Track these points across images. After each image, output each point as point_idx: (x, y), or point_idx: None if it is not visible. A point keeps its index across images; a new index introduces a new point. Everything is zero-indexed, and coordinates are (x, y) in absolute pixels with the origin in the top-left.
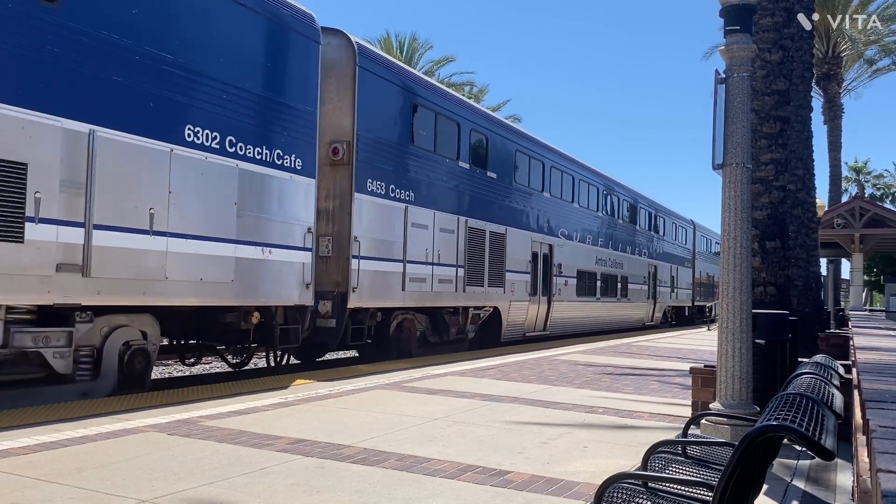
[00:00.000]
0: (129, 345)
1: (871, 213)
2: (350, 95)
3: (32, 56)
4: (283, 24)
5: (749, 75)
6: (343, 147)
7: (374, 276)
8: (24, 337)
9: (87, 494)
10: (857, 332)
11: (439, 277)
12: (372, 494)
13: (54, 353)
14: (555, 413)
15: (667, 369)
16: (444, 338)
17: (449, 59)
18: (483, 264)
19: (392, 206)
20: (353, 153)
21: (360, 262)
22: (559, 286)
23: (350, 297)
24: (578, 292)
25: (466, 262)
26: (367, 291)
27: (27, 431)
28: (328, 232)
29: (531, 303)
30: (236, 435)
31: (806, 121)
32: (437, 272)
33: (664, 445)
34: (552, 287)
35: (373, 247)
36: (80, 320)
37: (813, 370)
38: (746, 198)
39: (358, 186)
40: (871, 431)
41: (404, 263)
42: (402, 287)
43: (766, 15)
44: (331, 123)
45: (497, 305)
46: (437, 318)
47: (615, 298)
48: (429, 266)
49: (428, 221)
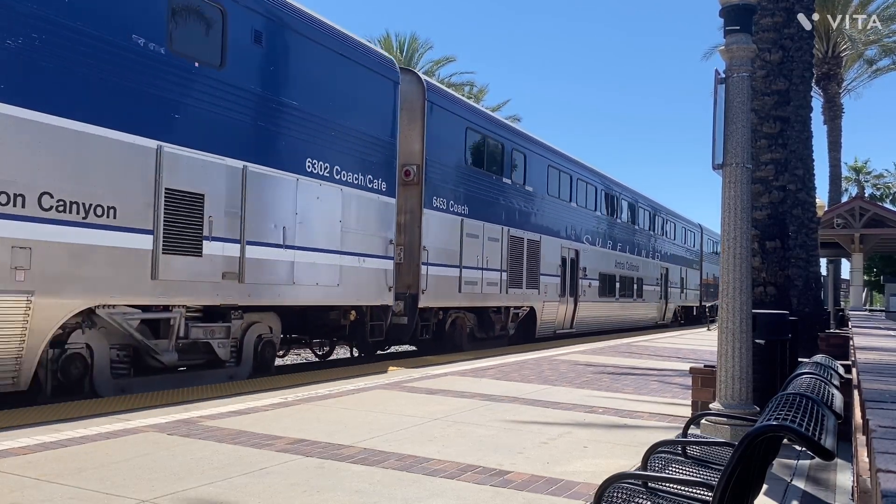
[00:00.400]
0: (261, 337)
1: (871, 213)
2: (420, 125)
3: (206, 107)
4: (372, 70)
5: (749, 75)
6: (414, 169)
7: (437, 280)
8: (198, 330)
9: (87, 494)
10: (857, 332)
11: (487, 281)
12: (372, 494)
13: (218, 343)
14: (555, 413)
15: (667, 369)
16: (490, 334)
17: (449, 59)
18: (522, 268)
19: (451, 219)
20: (422, 174)
21: (428, 268)
22: (584, 288)
23: (420, 298)
24: (600, 293)
25: (508, 266)
26: (433, 293)
27: (27, 431)
28: (400, 242)
29: (560, 303)
30: (236, 435)
31: (806, 121)
32: (486, 276)
33: (664, 445)
34: (578, 288)
35: (437, 254)
36: (234, 317)
37: (813, 370)
38: (746, 198)
39: (426, 203)
40: (871, 431)
41: (461, 269)
42: (459, 289)
43: (766, 15)
44: (403, 149)
45: (533, 305)
46: (483, 316)
47: (632, 299)
48: (479, 271)
49: (479, 232)
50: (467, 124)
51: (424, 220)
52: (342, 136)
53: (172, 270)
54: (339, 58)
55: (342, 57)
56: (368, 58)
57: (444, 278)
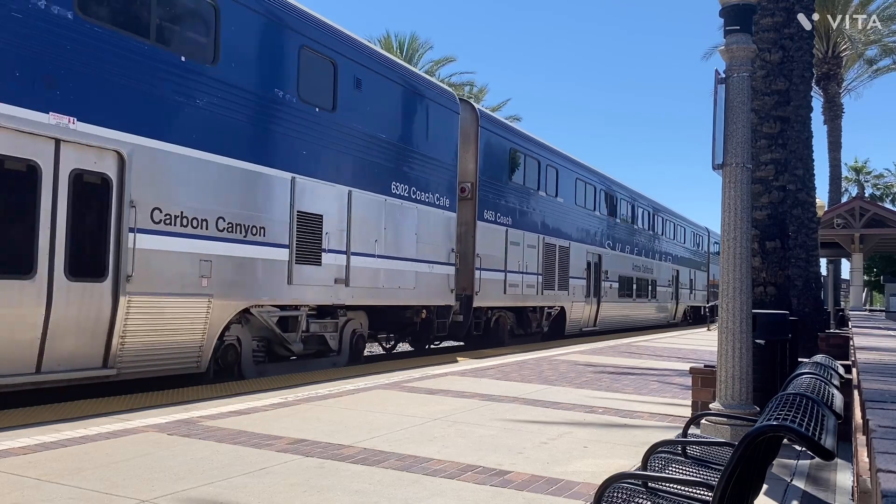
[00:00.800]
0: (355, 332)
1: (870, 213)
2: (474, 148)
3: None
4: (438, 104)
5: (749, 75)
6: (468, 186)
7: (487, 283)
8: (316, 325)
9: (86, 494)
10: (857, 332)
11: (526, 283)
12: (372, 494)
13: (329, 336)
14: (555, 413)
15: (667, 369)
16: (528, 330)
17: (449, 59)
18: (554, 272)
19: (498, 229)
20: (475, 191)
21: (481, 273)
22: (606, 289)
23: (475, 298)
24: (620, 294)
25: (543, 270)
26: (484, 295)
27: (27, 431)
28: (457, 250)
29: (586, 303)
30: (236, 435)
31: (806, 121)
32: (525, 279)
33: (664, 445)
34: (601, 290)
35: (487, 261)
36: (340, 315)
37: (813, 370)
38: (746, 198)
39: (478, 216)
40: (871, 431)
41: (505, 273)
42: (504, 291)
43: (766, 15)
44: (459, 169)
45: (563, 305)
46: (522, 315)
47: (647, 299)
48: (520, 275)
49: (519, 240)
50: (511, 145)
51: (477, 231)
52: (417, 161)
53: (302, 277)
54: (413, 95)
55: (416, 94)
56: (435, 93)
57: (492, 281)
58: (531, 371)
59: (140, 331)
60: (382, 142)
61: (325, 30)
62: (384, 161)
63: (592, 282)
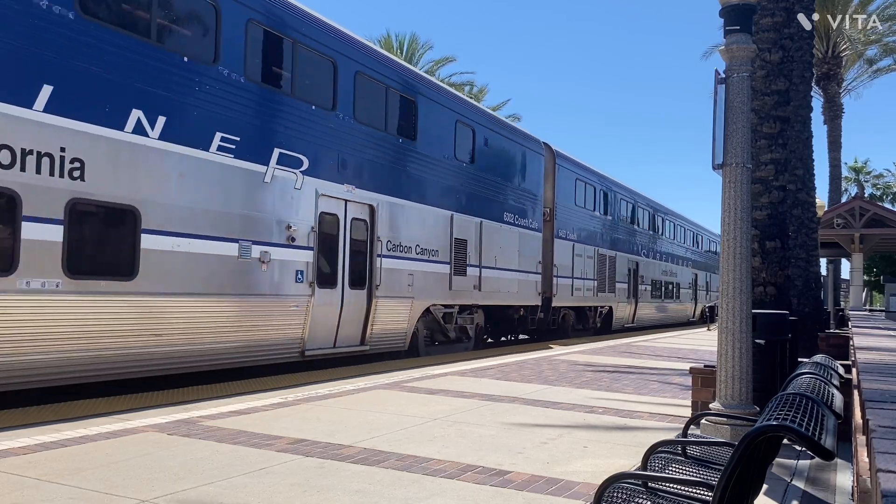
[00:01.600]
0: (477, 325)
1: (870, 213)
2: (552, 180)
3: (467, 188)
4: (529, 149)
5: (749, 75)
6: (547, 211)
7: (561, 287)
8: (461, 319)
9: (86, 494)
10: (857, 332)
11: (586, 287)
12: (372, 494)
13: (469, 328)
14: (555, 413)
15: (667, 369)
16: (585, 326)
17: (449, 59)
18: (605, 278)
19: (568, 244)
20: (553, 215)
21: (557, 279)
22: (641, 291)
23: (553, 299)
24: (651, 296)
25: (597, 276)
26: (559, 296)
27: (27, 431)
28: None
29: (627, 303)
30: (236, 435)
31: (806, 121)
32: (585, 284)
33: (664, 445)
34: (638, 292)
35: (561, 269)
36: (475, 312)
37: (813, 370)
38: (746, 198)
39: (556, 234)
40: (871, 431)
41: (573, 279)
42: (572, 293)
43: (766, 15)
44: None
45: (611, 305)
46: (581, 313)
47: (672, 300)
48: (582, 280)
49: (582, 252)
50: (576, 175)
51: (555, 246)
52: (518, 195)
53: (456, 284)
54: (517, 146)
55: (519, 145)
56: (530, 142)
57: (564, 286)
58: (531, 371)
59: (381, 321)
60: (498, 182)
61: (469, 107)
62: (500, 197)
63: (631, 285)
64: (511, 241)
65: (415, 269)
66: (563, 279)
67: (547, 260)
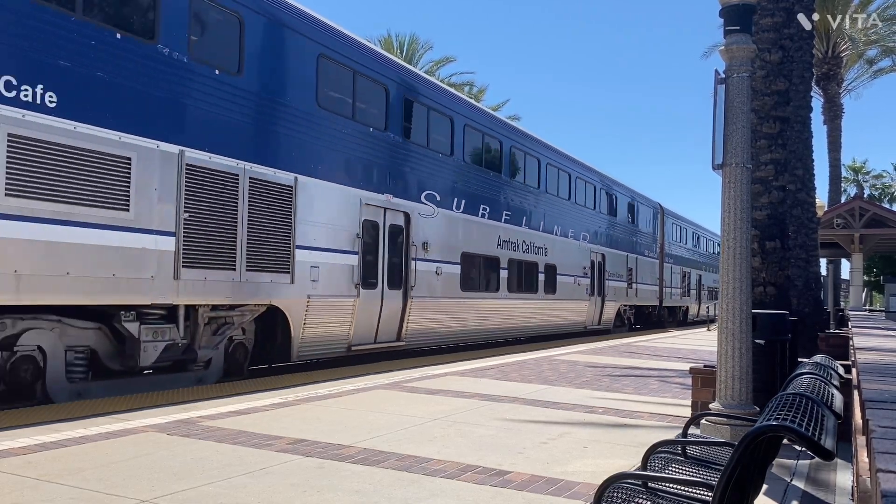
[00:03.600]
0: (629, 318)
1: (870, 213)
2: (661, 227)
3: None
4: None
5: (749, 75)
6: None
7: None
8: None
9: (86, 494)
10: (857, 332)
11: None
12: (372, 494)
13: (626, 318)
14: (554, 413)
15: (667, 369)
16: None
17: (449, 59)
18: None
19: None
20: (662, 249)
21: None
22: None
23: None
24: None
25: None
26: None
27: (27, 431)
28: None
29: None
30: (236, 435)
31: (806, 121)
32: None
33: (664, 445)
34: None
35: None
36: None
37: (813, 370)
38: (746, 198)
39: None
40: (870, 431)
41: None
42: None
43: (766, 15)
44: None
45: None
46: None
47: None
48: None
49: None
50: (673, 220)
51: (664, 268)
52: (644, 238)
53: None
54: (643, 207)
55: (644, 205)
56: (650, 202)
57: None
58: (531, 371)
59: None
60: (632, 232)
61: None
62: (632, 238)
63: (695, 292)
64: (648, 268)
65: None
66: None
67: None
